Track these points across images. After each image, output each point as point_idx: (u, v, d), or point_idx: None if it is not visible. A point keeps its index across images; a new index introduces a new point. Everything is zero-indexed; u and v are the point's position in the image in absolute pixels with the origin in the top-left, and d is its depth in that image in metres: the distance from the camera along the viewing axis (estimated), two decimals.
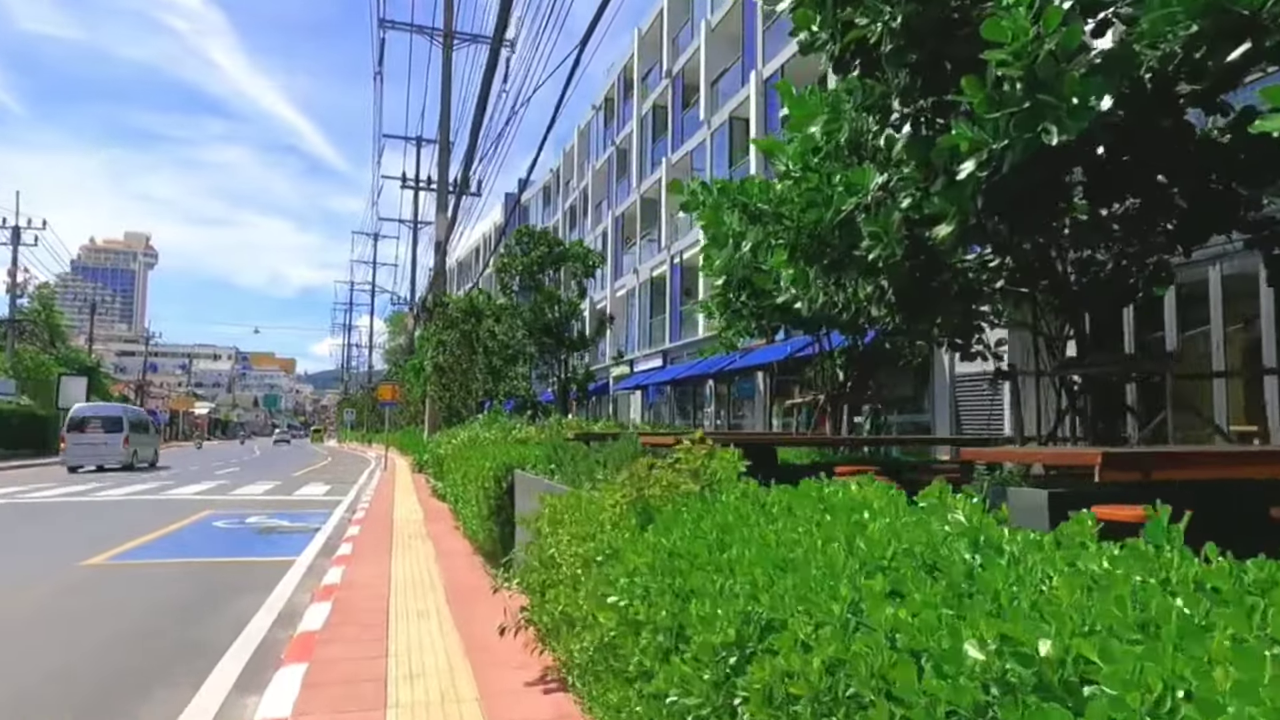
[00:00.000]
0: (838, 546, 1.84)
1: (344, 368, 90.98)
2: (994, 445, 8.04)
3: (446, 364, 19.18)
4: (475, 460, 7.84)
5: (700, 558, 1.97)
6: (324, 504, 14.92)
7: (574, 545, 3.05)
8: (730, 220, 5.64)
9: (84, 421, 24.65)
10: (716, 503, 2.62)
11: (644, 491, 2.74)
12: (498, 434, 13.97)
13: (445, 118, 25.44)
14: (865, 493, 2.64)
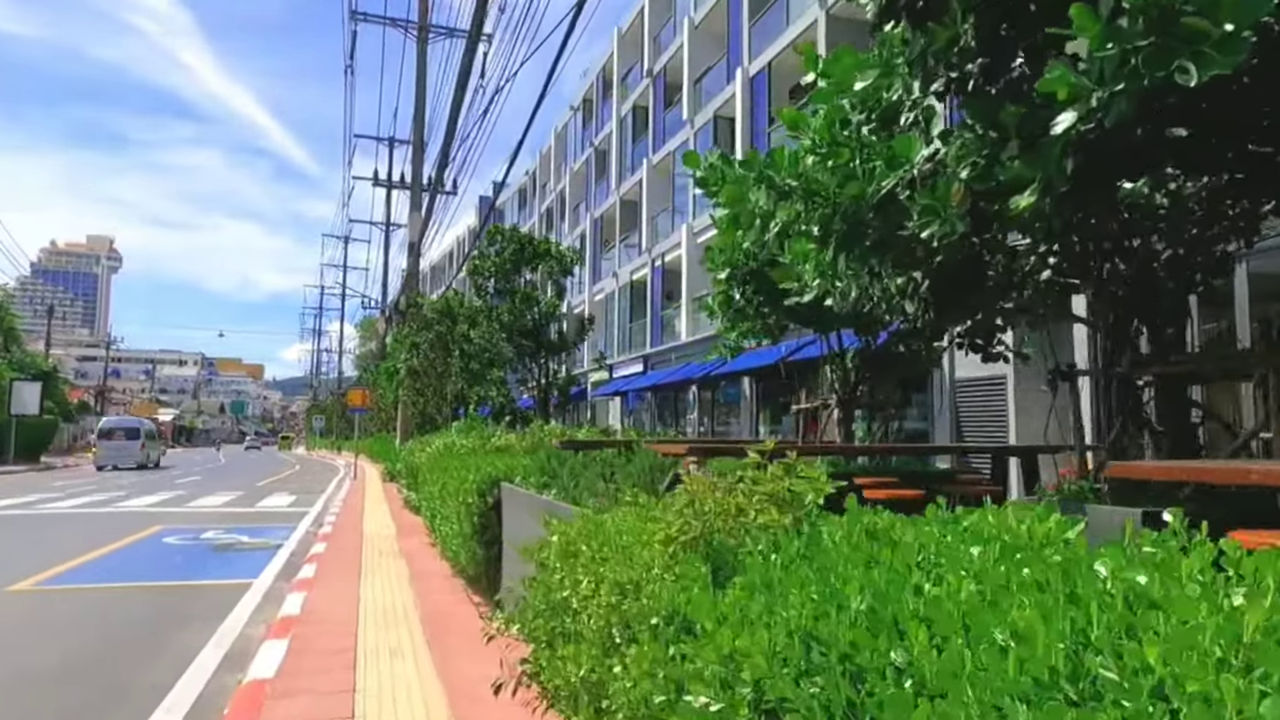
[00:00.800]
0: (1059, 616, 1.10)
1: (313, 373, 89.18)
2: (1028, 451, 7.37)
3: (421, 367, 18.24)
4: (455, 471, 7.02)
5: (865, 647, 1.20)
6: (288, 516, 13.95)
7: (605, 593, 2.27)
8: (757, 197, 4.90)
9: (111, 431, 33.07)
10: (817, 543, 1.86)
11: (710, 524, 1.99)
12: (475, 441, 13.14)
13: (420, 113, 24.56)
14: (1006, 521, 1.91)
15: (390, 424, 33.46)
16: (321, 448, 69.49)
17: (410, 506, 13.39)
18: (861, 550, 1.67)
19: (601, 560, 2.56)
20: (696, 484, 2.07)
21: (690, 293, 25.25)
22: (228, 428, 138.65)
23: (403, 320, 22.35)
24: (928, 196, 4.25)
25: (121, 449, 31.95)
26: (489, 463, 6.56)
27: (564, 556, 3.02)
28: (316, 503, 16.76)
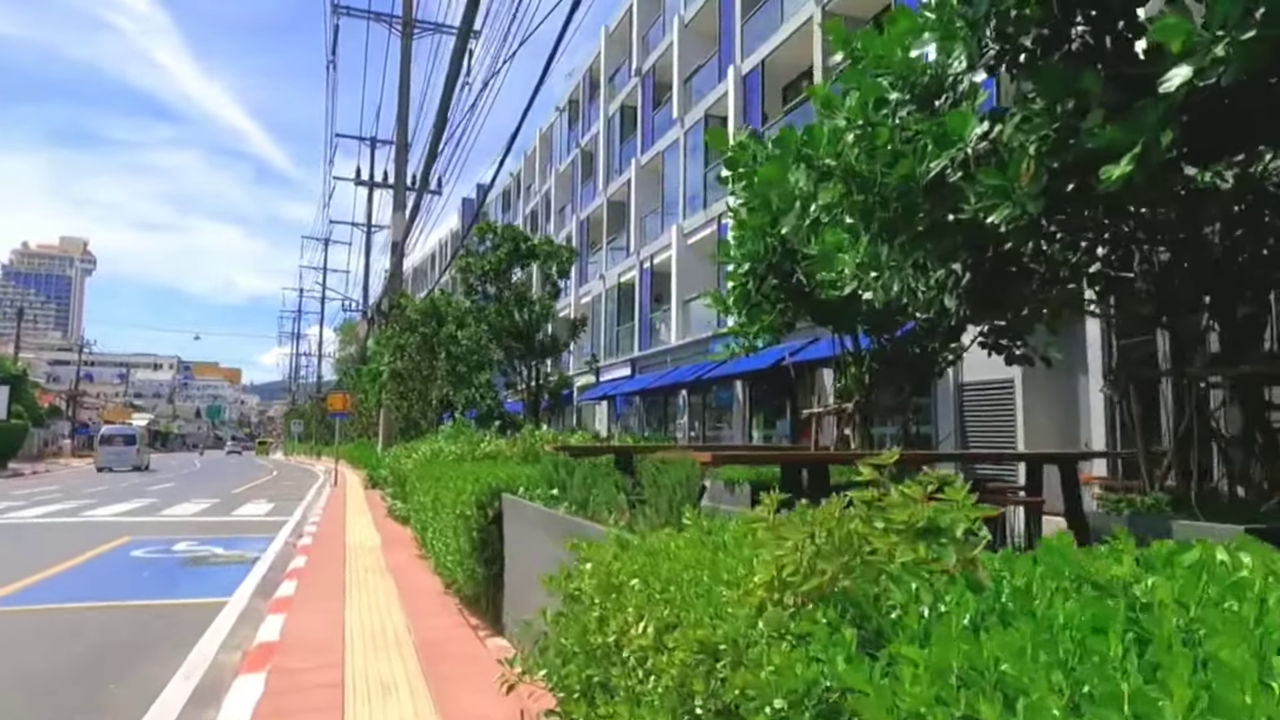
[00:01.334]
0: None
1: (291, 377, 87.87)
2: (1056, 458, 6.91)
3: (405, 370, 17.62)
4: (450, 480, 6.45)
5: None
6: (266, 526, 13.29)
7: (680, 649, 1.75)
8: (797, 177, 4.40)
9: (111, 438, 37.99)
10: (1023, 599, 1.35)
11: (842, 565, 1.47)
12: (464, 447, 12.56)
13: (403, 110, 23.94)
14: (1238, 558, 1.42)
15: (371, 429, 32.73)
16: (300, 453, 68.35)
17: (395, 516, 12.78)
18: (1104, 614, 1.15)
19: (664, 601, 2.04)
20: (824, 513, 1.55)
21: (681, 295, 24.77)
22: (204, 433, 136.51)
23: (385, 322, 21.69)
24: (995, 176, 3.76)
25: (120, 453, 36.44)
26: (488, 471, 6.01)
27: (604, 591, 2.49)
28: (295, 511, 16.08)
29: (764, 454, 8.62)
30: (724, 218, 22.39)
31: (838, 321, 7.99)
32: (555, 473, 5.36)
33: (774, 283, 7.78)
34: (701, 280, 24.42)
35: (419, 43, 33.39)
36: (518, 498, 5.37)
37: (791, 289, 7.69)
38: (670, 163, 26.69)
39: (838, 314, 7.74)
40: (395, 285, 21.30)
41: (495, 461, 8.01)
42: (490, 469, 6.35)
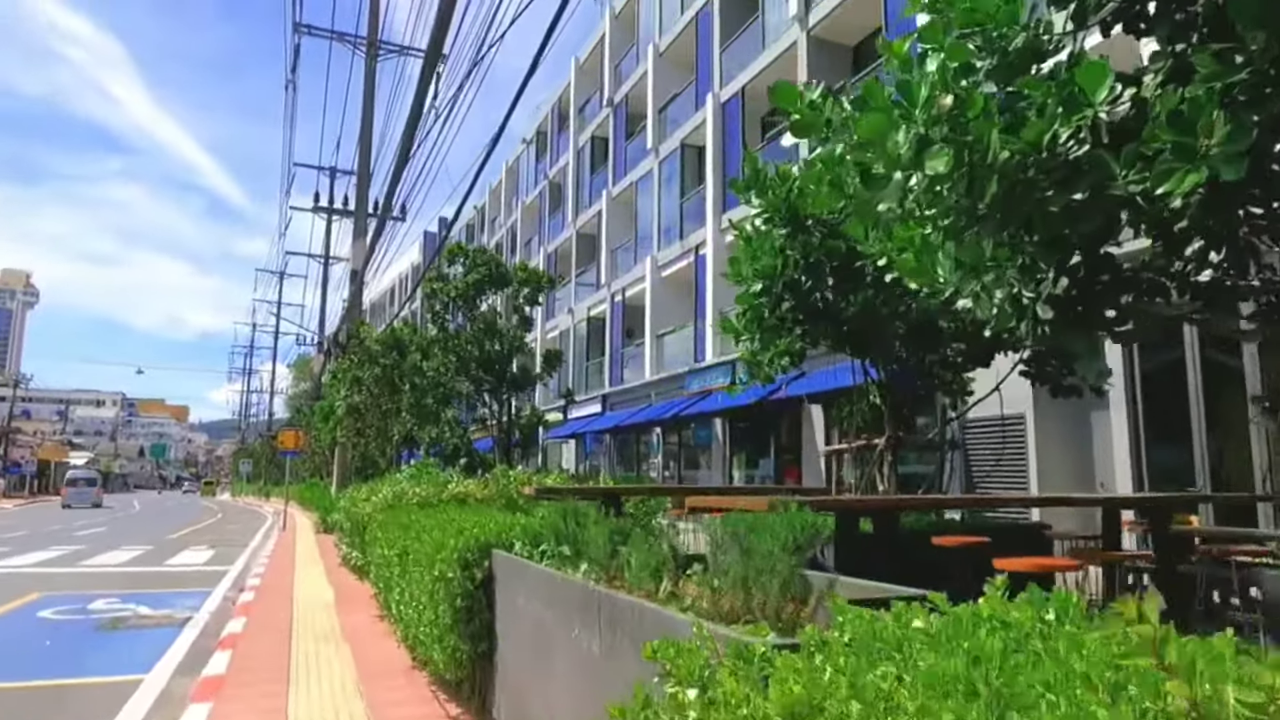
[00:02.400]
0: None
1: (241, 414, 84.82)
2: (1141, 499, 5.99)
3: (363, 405, 16.33)
4: (425, 531, 5.29)
5: None
6: (203, 577, 11.83)
7: None
8: (897, 139, 3.44)
9: (75, 480, 43.50)
10: None
11: None
12: (429, 489, 11.35)
13: (366, 133, 22.85)
14: None
15: (325, 468, 31.04)
16: (248, 494, 65.49)
17: (350, 565, 11.45)
18: None
19: None
20: None
21: (654, 329, 23.84)
22: (147, 472, 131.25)
23: (342, 354, 20.34)
24: (1177, 131, 2.85)
25: (82, 493, 41.43)
26: (473, 521, 4.87)
27: None
28: (238, 559, 14.57)
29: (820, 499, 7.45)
30: (701, 249, 21.62)
31: (864, 345, 7.03)
32: (564, 524, 4.25)
33: (790, 304, 6.81)
34: (676, 314, 23.55)
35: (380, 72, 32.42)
36: (514, 556, 4.25)
37: (811, 309, 6.73)
38: (644, 193, 25.93)
39: (865, 336, 6.79)
40: (353, 315, 20.01)
41: (478, 508, 6.85)
42: (475, 518, 5.20)
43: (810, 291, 6.58)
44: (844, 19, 17.32)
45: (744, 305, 6.92)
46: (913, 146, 3.38)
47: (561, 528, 4.25)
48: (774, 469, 18.13)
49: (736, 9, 21.38)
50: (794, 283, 6.63)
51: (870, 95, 3.60)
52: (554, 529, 4.24)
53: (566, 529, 4.22)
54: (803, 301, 6.73)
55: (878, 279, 6.51)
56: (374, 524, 8.30)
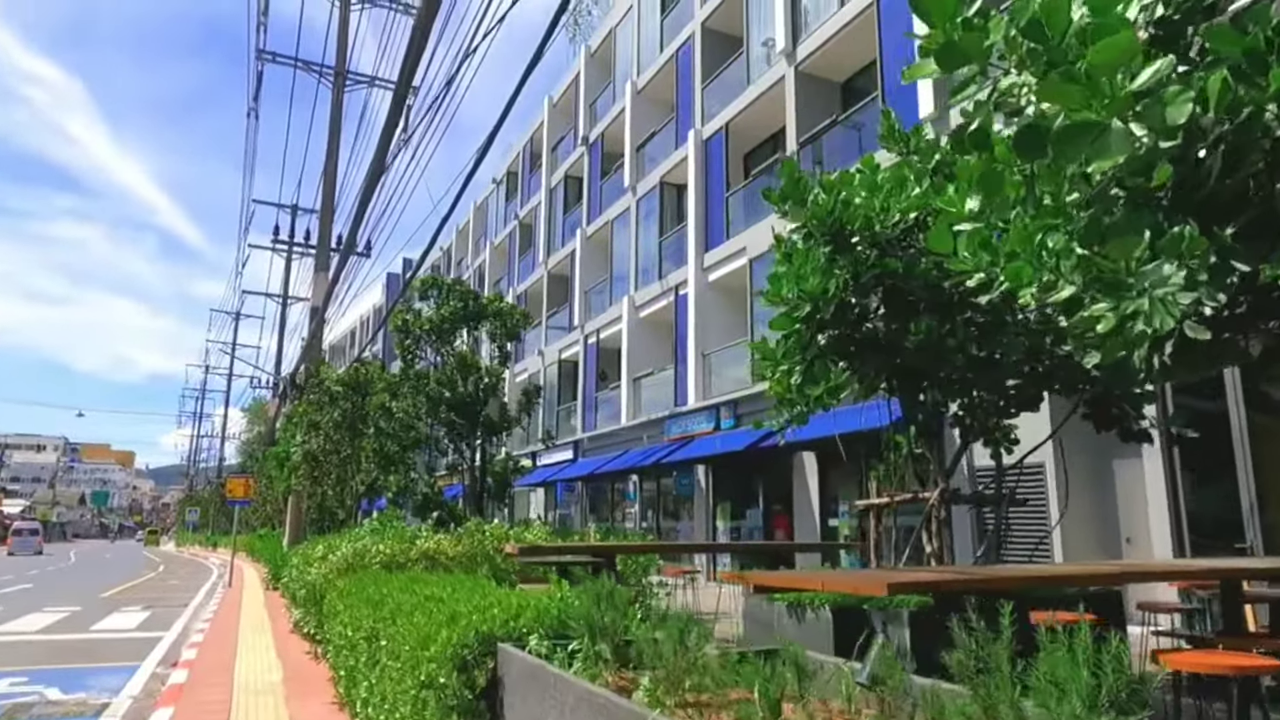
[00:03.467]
0: None
1: (190, 461, 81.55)
2: None
3: (320, 452, 15.00)
4: (400, 613, 4.16)
5: None
6: (131, 648, 10.36)
7: None
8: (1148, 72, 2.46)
9: (21, 530, 47.80)
10: None
11: None
12: (395, 546, 10.14)
13: (331, 164, 21.81)
14: None
15: (278, 518, 29.26)
16: (195, 544, 62.41)
17: (301, 631, 10.12)
18: None
19: None
20: None
21: (632, 371, 22.85)
22: (87, 520, 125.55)
23: (299, 395, 18.97)
24: None
25: (26, 542, 45.55)
26: (468, 600, 3.77)
27: None
28: (176, 623, 13.05)
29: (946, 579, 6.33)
30: (681, 289, 20.80)
31: (916, 382, 6.10)
32: (599, 612, 3.18)
33: (835, 331, 5.87)
34: (654, 356, 22.62)
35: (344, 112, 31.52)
36: (533, 657, 3.16)
37: (861, 337, 5.80)
38: (620, 232, 25.16)
39: (923, 371, 5.86)
40: (313, 354, 18.71)
41: (464, 579, 5.70)
42: (468, 594, 4.09)
43: (861, 318, 5.66)
44: (833, 54, 16.85)
45: (781, 330, 5.96)
46: (1162, 74, 2.39)
47: (597, 617, 3.17)
48: (762, 520, 17.09)
49: (718, 46, 20.94)
50: (844, 306, 5.70)
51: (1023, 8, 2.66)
52: (586, 619, 3.17)
53: (603, 619, 3.15)
54: (852, 329, 5.80)
55: (941, 304, 5.62)
56: (333, 594, 7.07)
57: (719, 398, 18.46)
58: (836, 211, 5.77)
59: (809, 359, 5.82)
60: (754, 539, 17.16)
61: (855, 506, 7.47)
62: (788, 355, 5.88)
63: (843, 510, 14.89)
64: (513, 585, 6.76)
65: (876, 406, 6.99)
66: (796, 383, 6.14)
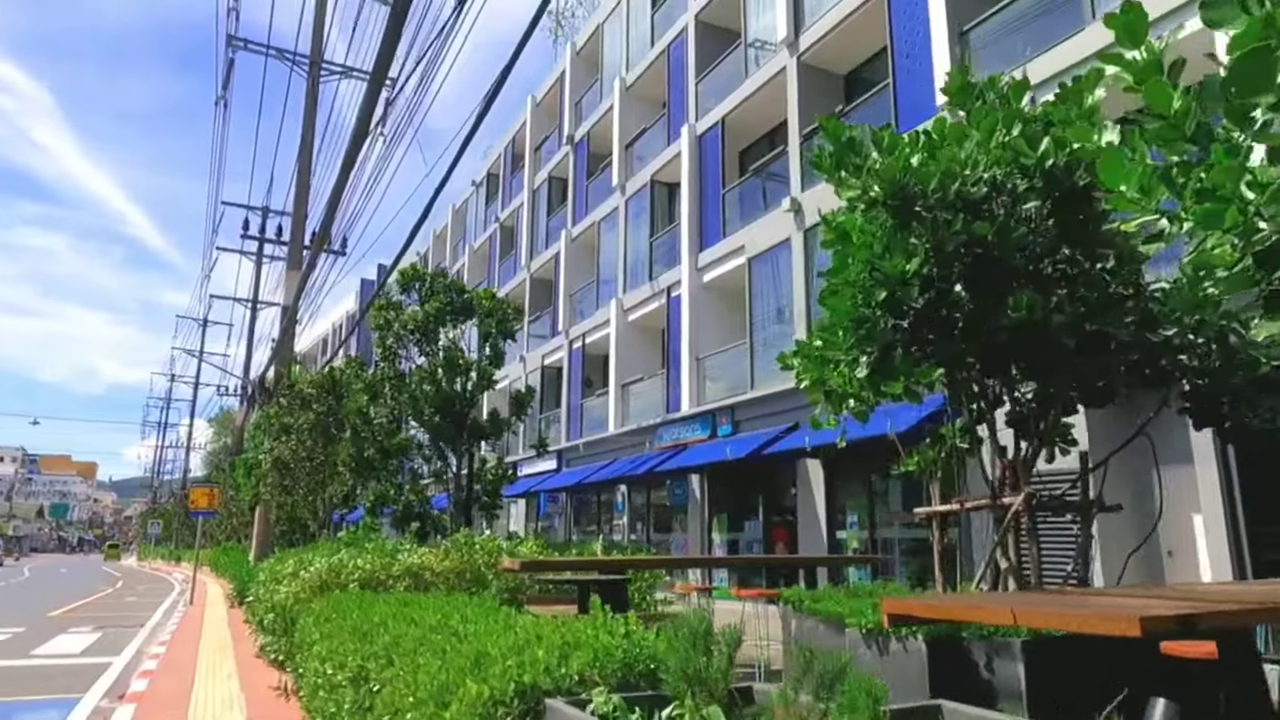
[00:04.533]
0: None
1: (154, 472, 79.14)
2: None
3: (292, 458, 13.88)
4: (400, 650, 3.19)
5: None
6: (72, 678, 9.19)
7: None
8: None
9: None
10: None
11: None
12: (375, 561, 9.15)
13: (306, 156, 20.71)
14: None
15: (244, 531, 27.87)
16: (157, 557, 60.26)
17: (268, 658, 9.03)
18: None
19: None
20: None
21: (620, 377, 21.91)
22: (45, 534, 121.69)
23: (269, 400, 17.81)
24: None
25: None
26: (491, 633, 2.82)
27: None
28: (127, 647, 11.84)
29: (1196, 610, 5.15)
30: (674, 290, 19.92)
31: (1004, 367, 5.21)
32: (693, 657, 2.24)
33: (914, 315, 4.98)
34: (644, 361, 21.71)
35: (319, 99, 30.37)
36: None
37: (944, 322, 4.91)
38: (608, 233, 24.27)
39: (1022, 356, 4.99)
40: (284, 354, 17.55)
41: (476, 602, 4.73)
42: (486, 623, 3.13)
43: (940, 296, 4.78)
44: (837, 44, 16.14)
45: (846, 317, 5.04)
46: None
47: (694, 664, 2.24)
48: (762, 532, 16.19)
49: (713, 38, 20.20)
50: (926, 283, 4.82)
51: None
52: (683, 666, 2.23)
53: (706, 666, 2.21)
54: (932, 309, 4.91)
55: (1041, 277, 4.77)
56: (306, 617, 6.04)
57: (715, 403, 17.57)
58: (907, 174, 4.90)
59: (881, 348, 4.92)
60: (753, 552, 16.26)
61: (917, 515, 6.54)
62: (859, 345, 4.97)
63: (851, 521, 14.04)
64: (519, 608, 5.79)
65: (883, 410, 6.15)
66: (863, 375, 5.24)
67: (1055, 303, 4.62)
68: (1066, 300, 4.67)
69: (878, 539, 13.47)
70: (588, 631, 2.90)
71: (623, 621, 2.86)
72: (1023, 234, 4.73)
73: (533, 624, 3.22)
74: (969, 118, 5.46)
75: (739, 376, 17.14)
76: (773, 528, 16.17)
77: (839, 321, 5.06)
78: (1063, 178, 4.79)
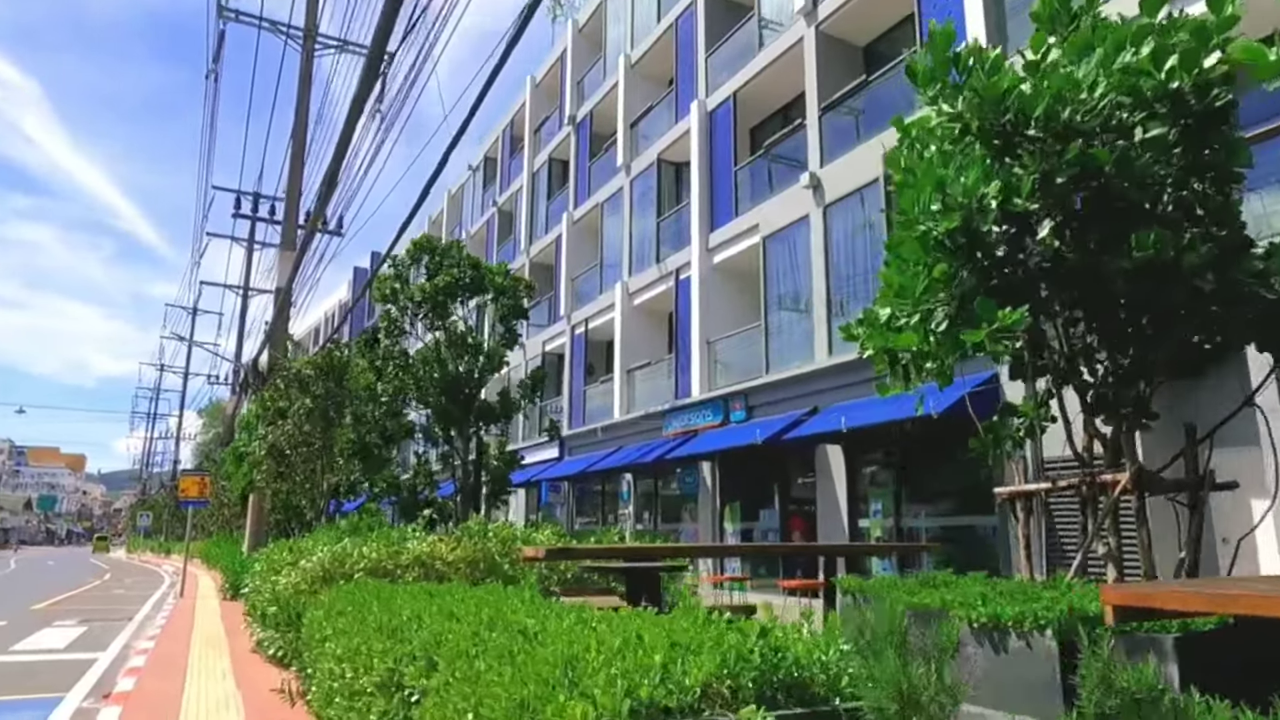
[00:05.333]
0: None
1: (144, 463, 78.11)
2: None
3: (288, 443, 13.15)
4: (456, 660, 2.55)
5: None
6: (57, 674, 8.50)
7: None
8: None
9: None
10: None
11: None
12: (381, 550, 8.50)
13: (300, 131, 19.94)
14: None
15: (236, 523, 27.14)
16: (147, 550, 59.37)
17: (266, 654, 8.38)
18: None
19: None
20: None
21: (625, 363, 21.24)
22: (33, 526, 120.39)
23: (262, 385, 17.07)
24: None
25: None
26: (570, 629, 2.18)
27: None
28: (115, 640, 11.16)
29: None
30: (683, 272, 19.25)
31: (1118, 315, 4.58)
32: (904, 667, 1.59)
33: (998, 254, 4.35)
34: (650, 346, 21.05)
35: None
36: None
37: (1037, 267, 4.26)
38: (611, 215, 23.57)
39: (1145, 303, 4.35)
40: (278, 337, 16.81)
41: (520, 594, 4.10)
42: (552, 618, 2.48)
43: (1020, 234, 4.14)
44: (857, 13, 15.46)
45: (913, 258, 4.40)
46: None
47: (910, 681, 1.58)
48: (779, 521, 15.58)
49: (723, 11, 19.48)
50: (1014, 221, 4.18)
51: None
52: (893, 682, 1.57)
53: (922, 686, 1.55)
54: (1015, 249, 4.27)
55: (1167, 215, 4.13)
56: (315, 609, 5.37)
57: (727, 388, 16.93)
58: (1013, 95, 4.25)
59: (961, 295, 4.28)
60: (768, 541, 15.66)
61: (997, 495, 5.91)
62: (931, 293, 4.33)
63: (875, 509, 13.43)
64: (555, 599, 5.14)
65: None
66: (942, 329, 4.60)
67: (1188, 240, 3.99)
68: (1198, 239, 4.03)
69: (903, 528, 12.87)
70: (696, 629, 2.25)
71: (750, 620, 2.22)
72: (1146, 163, 4.09)
73: (618, 620, 2.57)
74: (1063, 43, 4.81)
75: (753, 360, 16.50)
76: (789, 516, 15.57)
77: (908, 278, 4.42)
78: (1193, 101, 4.15)
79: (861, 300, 14.08)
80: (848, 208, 14.46)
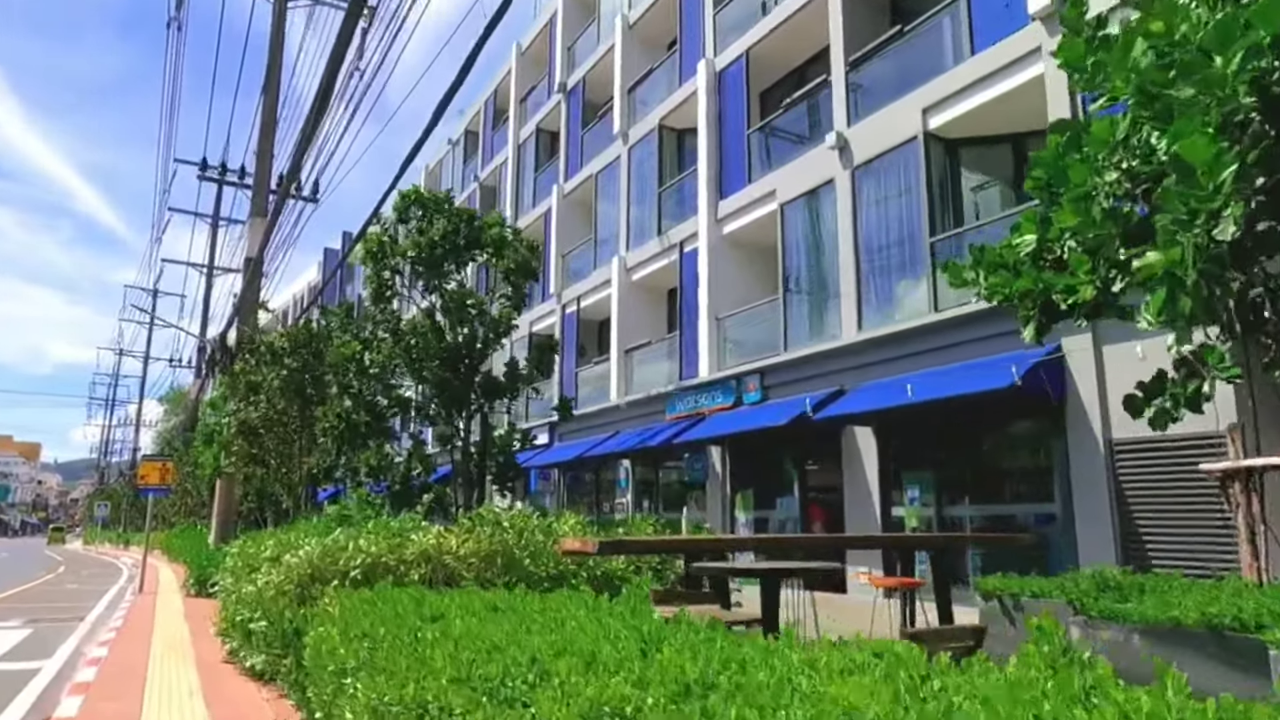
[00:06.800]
0: None
1: (102, 451, 75.32)
2: None
3: (261, 422, 11.70)
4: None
5: None
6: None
7: None
8: None
9: None
10: None
11: None
12: (382, 543, 7.17)
13: (272, 87, 18.37)
14: None
15: (201, 511, 25.48)
16: (105, 541, 57.01)
17: (245, 668, 7.06)
18: None
19: None
20: None
21: (623, 342, 19.98)
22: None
23: (231, 361, 15.54)
24: None
25: None
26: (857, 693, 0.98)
27: None
28: (62, 645, 9.72)
29: None
30: (688, 245, 18.03)
31: None
32: None
33: None
34: (649, 325, 19.81)
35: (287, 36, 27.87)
36: None
37: None
38: (607, 187, 22.24)
39: None
40: (248, 310, 15.30)
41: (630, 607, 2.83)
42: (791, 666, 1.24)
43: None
44: None
45: (1206, 157, 3.19)
46: None
47: None
48: (799, 509, 14.45)
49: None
50: None
51: None
52: None
53: None
54: None
55: None
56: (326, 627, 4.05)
57: (740, 366, 15.74)
58: None
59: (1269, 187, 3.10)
60: (786, 532, 14.51)
61: (1210, 472, 4.76)
62: (1240, 180, 3.13)
63: (911, 496, 12.34)
64: None
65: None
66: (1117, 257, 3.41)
67: None
68: None
69: (945, 516, 11.79)
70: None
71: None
72: None
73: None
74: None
75: (769, 337, 15.33)
76: (808, 505, 14.45)
77: (1202, 170, 3.21)
78: None
79: (898, 271, 12.96)
80: (879, 169, 13.31)
